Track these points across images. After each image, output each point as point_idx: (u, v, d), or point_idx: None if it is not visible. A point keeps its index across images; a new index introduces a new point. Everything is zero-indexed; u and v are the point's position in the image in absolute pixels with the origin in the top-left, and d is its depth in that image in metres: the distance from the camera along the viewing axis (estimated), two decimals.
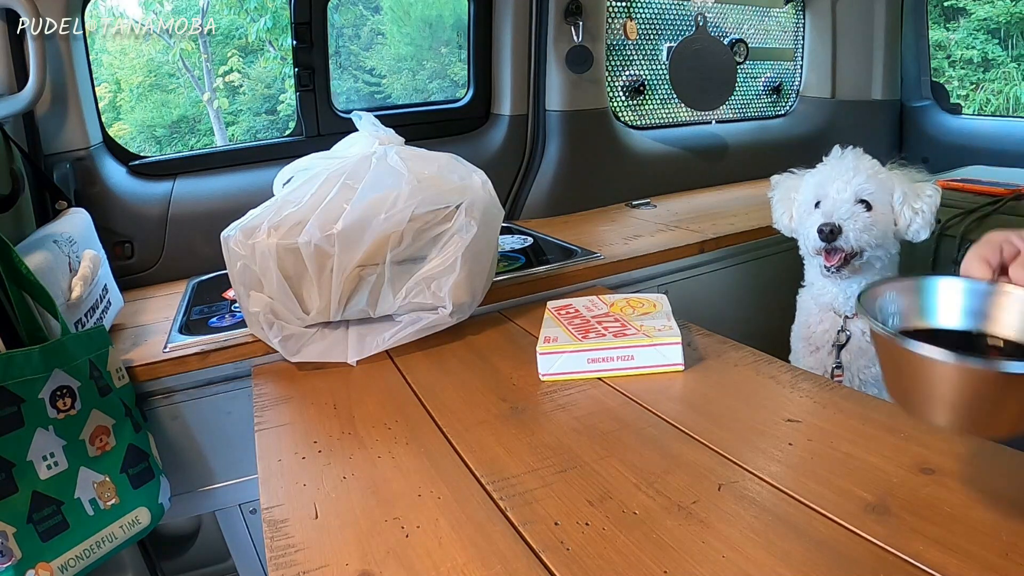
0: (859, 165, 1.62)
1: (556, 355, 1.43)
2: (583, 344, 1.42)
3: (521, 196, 2.85)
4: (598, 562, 0.86)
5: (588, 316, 1.57)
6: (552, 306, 1.66)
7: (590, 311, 1.60)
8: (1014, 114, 8.55)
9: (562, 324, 1.54)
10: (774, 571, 0.81)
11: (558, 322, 1.55)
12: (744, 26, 3.53)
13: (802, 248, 1.76)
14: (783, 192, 1.78)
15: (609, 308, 1.60)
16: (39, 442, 1.30)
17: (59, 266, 1.59)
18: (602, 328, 1.49)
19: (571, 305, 1.65)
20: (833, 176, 1.62)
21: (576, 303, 1.66)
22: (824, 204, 1.63)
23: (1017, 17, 8.93)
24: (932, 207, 1.62)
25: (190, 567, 1.99)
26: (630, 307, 1.59)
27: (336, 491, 1.09)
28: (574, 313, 1.60)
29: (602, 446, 1.14)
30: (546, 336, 1.48)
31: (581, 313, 1.60)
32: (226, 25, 7.52)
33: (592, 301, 1.66)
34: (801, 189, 1.71)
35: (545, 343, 1.44)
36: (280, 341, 1.55)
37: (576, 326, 1.52)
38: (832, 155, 1.68)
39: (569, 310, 1.62)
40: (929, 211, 1.61)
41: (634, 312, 1.56)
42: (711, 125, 3.50)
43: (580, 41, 2.73)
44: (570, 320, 1.56)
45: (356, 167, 1.64)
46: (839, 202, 1.60)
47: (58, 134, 2.08)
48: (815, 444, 1.09)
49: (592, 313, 1.59)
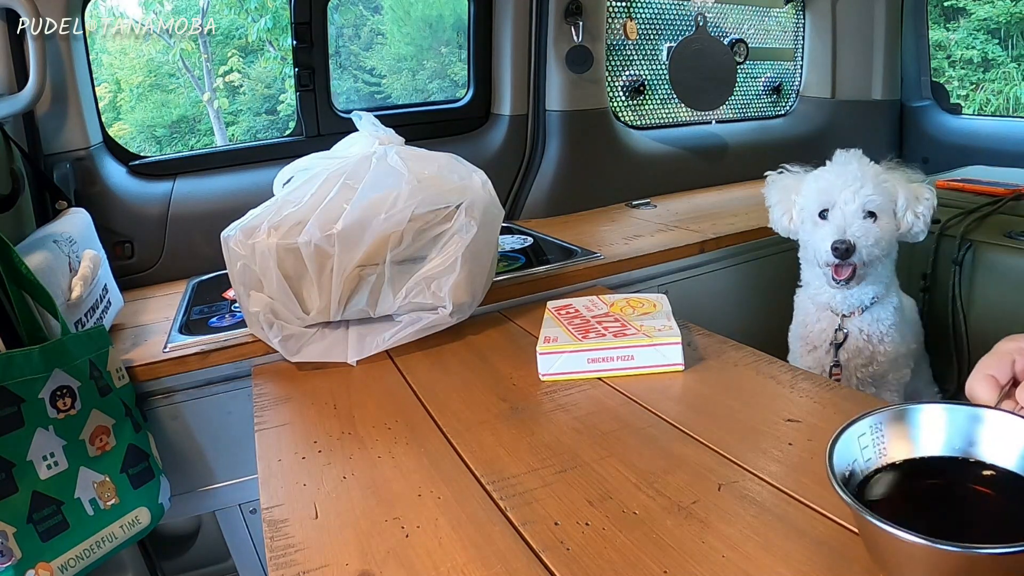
0: (864, 173, 1.61)
1: (556, 355, 1.42)
2: (583, 344, 1.42)
3: (521, 196, 2.86)
4: (598, 562, 0.86)
5: (588, 316, 1.56)
6: (552, 306, 1.66)
7: (590, 311, 1.59)
8: (1014, 114, 8.55)
9: (562, 324, 1.53)
10: (774, 571, 0.81)
11: (558, 322, 1.55)
12: (744, 26, 3.53)
13: (804, 255, 1.76)
14: (781, 192, 1.77)
15: (609, 308, 1.60)
16: (39, 442, 1.30)
17: (59, 266, 1.59)
18: (602, 328, 1.48)
19: (571, 305, 1.64)
20: (839, 185, 1.62)
21: (576, 303, 1.65)
22: (833, 216, 1.63)
23: (1017, 17, 8.93)
24: (930, 209, 1.63)
25: (190, 567, 1.99)
26: (630, 307, 1.59)
27: (336, 491, 1.09)
28: (574, 313, 1.59)
29: (602, 446, 1.15)
30: (546, 336, 1.47)
31: (581, 313, 1.59)
32: (226, 25, 7.52)
33: (592, 301, 1.65)
34: (803, 192, 1.70)
35: (545, 343, 1.44)
36: (280, 341, 1.55)
37: (576, 326, 1.51)
38: (836, 159, 1.68)
39: (569, 310, 1.61)
40: (928, 213, 1.62)
41: (634, 312, 1.56)
42: (711, 125, 3.50)
43: (580, 41, 2.73)
44: (570, 320, 1.55)
45: (356, 167, 1.64)
46: (849, 215, 1.60)
47: (58, 134, 2.08)
48: (815, 444, 1.09)
49: (592, 313, 1.58)
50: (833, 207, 1.63)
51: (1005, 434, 0.79)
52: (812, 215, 1.67)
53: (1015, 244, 1.98)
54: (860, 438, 0.82)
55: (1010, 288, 1.93)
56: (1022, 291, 1.91)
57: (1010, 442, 0.78)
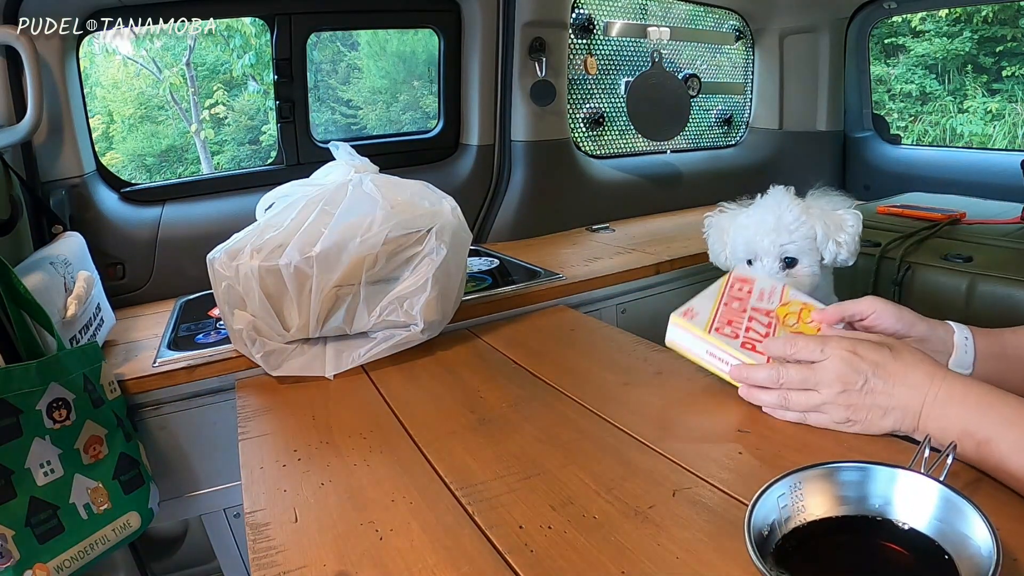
0: (780, 221, 1.57)
1: (683, 331, 1.30)
2: (708, 338, 1.26)
3: (488, 221, 2.88)
4: (560, 563, 0.87)
5: (751, 304, 1.34)
6: (735, 274, 1.43)
7: (760, 300, 1.35)
8: (950, 144, 8.66)
9: (719, 300, 1.34)
10: (724, 571, 0.82)
11: (719, 296, 1.36)
12: (697, 61, 3.58)
13: None
14: (716, 233, 1.73)
15: (778, 306, 1.35)
16: (36, 451, 1.30)
17: (55, 286, 1.60)
18: (747, 325, 1.30)
19: (750, 284, 1.40)
20: (760, 233, 1.57)
21: (759, 284, 1.40)
22: (755, 268, 1.60)
23: (953, 54, 9.06)
24: (854, 236, 1.58)
25: (178, 568, 1.99)
26: (796, 317, 1.31)
27: (315, 496, 1.09)
28: (744, 294, 1.37)
29: (564, 455, 1.15)
30: (691, 307, 1.32)
31: (749, 298, 1.36)
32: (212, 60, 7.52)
33: (773, 289, 1.39)
34: (731, 239, 1.66)
35: (684, 315, 1.30)
36: (262, 356, 1.56)
37: (728, 310, 1.32)
38: (759, 203, 1.63)
39: (742, 289, 1.38)
40: (852, 240, 1.58)
41: (795, 324, 1.30)
42: (666, 154, 3.54)
43: (544, 76, 2.77)
44: (732, 299, 1.35)
45: (333, 194, 1.65)
46: (768, 265, 1.57)
47: (54, 162, 2.09)
48: (763, 452, 1.09)
49: (759, 303, 1.35)
50: (756, 258, 1.61)
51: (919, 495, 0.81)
52: (742, 262, 1.66)
53: (951, 266, 2.00)
54: (779, 497, 0.83)
55: (946, 307, 1.94)
56: (956, 309, 1.93)
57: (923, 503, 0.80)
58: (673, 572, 0.83)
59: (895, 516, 0.82)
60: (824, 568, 0.80)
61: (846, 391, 1.06)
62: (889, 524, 0.82)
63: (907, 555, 0.78)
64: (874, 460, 0.86)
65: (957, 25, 8.89)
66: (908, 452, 0.95)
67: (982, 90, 8.95)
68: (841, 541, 0.82)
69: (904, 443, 1.06)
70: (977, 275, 1.93)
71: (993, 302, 1.89)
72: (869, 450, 1.05)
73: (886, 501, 0.83)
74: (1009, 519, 0.83)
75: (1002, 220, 2.31)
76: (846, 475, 0.85)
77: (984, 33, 8.77)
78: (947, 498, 0.78)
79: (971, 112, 8.92)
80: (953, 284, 1.98)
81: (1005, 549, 0.69)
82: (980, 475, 0.95)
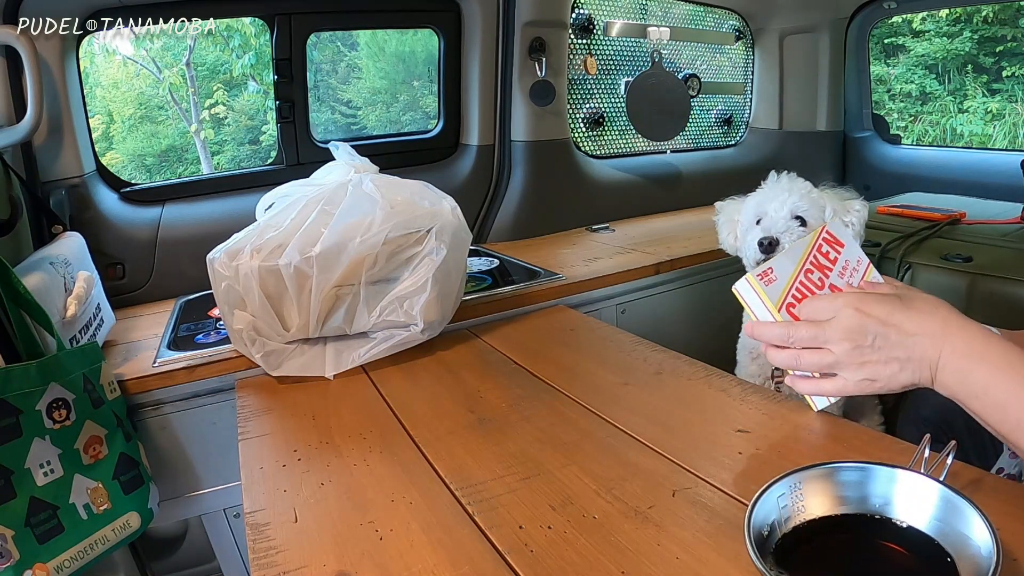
0: (793, 187, 1.65)
1: (754, 295, 1.15)
2: (778, 316, 1.12)
3: (488, 221, 2.88)
4: (560, 563, 0.87)
5: (829, 281, 1.17)
6: (828, 231, 1.23)
7: (841, 275, 1.18)
8: (950, 144, 8.66)
9: (801, 266, 1.17)
10: (724, 571, 0.82)
11: (803, 258, 1.18)
12: (697, 61, 3.59)
13: (745, 263, 1.79)
14: (727, 215, 1.80)
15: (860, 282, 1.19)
16: (36, 451, 1.30)
17: (55, 286, 1.60)
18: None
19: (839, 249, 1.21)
20: (771, 197, 1.65)
21: (847, 251, 1.21)
22: (764, 221, 1.65)
23: (953, 54, 9.05)
24: (861, 220, 1.64)
25: (178, 568, 1.99)
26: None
27: (314, 497, 1.09)
28: (829, 262, 1.19)
29: (564, 455, 1.15)
30: (770, 267, 1.16)
31: (832, 268, 1.19)
32: (212, 61, 7.52)
33: (859, 262, 1.21)
34: (743, 211, 1.73)
35: (759, 277, 1.14)
36: (262, 356, 1.56)
37: (806, 282, 1.16)
38: (769, 180, 1.70)
39: (830, 255, 1.20)
40: (859, 223, 1.63)
41: None
42: (666, 154, 3.54)
43: (543, 76, 2.77)
44: (814, 267, 1.17)
45: (333, 194, 1.65)
46: (777, 219, 1.63)
47: (54, 163, 2.09)
48: (763, 452, 1.10)
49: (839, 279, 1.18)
50: (765, 215, 1.65)
51: (919, 495, 0.81)
52: (750, 226, 1.69)
53: (950, 266, 2.00)
54: (779, 497, 0.83)
55: None
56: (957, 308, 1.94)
57: (923, 503, 0.80)
58: (673, 572, 0.84)
59: (895, 516, 0.82)
60: (824, 568, 0.80)
61: (858, 347, 1.00)
62: (889, 524, 0.82)
63: (907, 555, 0.78)
64: (874, 460, 0.86)
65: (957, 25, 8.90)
66: (908, 452, 0.95)
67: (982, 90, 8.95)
68: (841, 541, 0.82)
69: (904, 443, 1.06)
70: (977, 275, 1.94)
71: (993, 302, 1.89)
72: (869, 450, 1.06)
73: (886, 501, 0.83)
74: (1009, 519, 0.84)
75: (1002, 220, 2.31)
76: (846, 475, 0.86)
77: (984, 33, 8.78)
78: (947, 498, 0.78)
79: (971, 112, 8.92)
80: (953, 284, 1.98)
81: (1005, 549, 0.69)
82: (980, 475, 0.96)
